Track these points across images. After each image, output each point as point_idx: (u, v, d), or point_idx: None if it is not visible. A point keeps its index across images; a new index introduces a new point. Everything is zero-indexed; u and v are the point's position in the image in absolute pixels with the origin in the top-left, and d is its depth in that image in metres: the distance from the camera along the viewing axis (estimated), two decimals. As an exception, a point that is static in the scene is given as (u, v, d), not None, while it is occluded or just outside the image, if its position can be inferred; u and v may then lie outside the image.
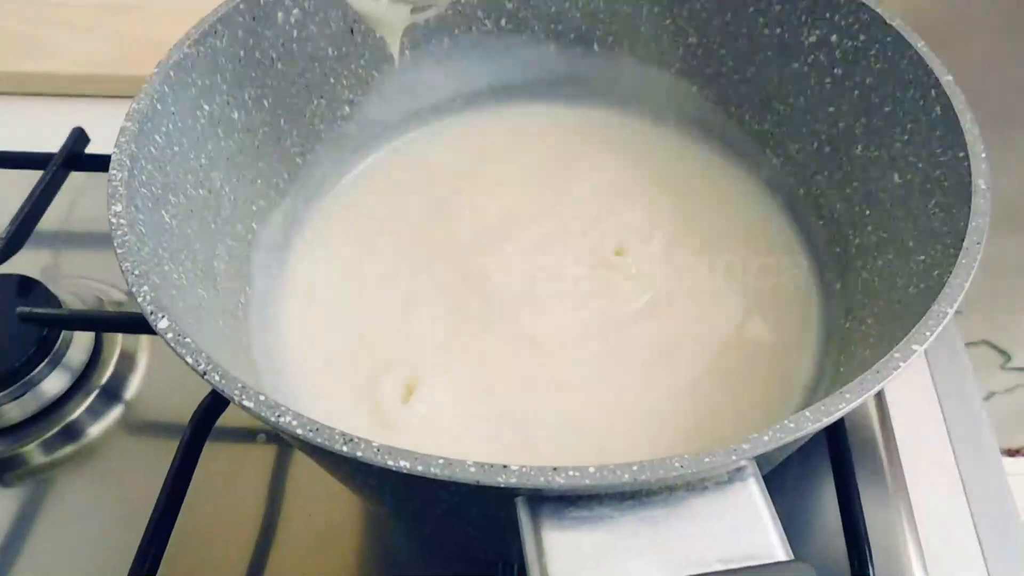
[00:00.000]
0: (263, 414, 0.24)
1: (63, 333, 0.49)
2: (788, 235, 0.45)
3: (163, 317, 0.27)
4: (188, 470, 0.41)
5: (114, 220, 0.31)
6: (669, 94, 0.48)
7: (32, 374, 0.47)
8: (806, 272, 0.43)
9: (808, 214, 0.44)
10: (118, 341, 0.51)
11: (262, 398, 0.24)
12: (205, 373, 0.25)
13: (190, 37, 0.37)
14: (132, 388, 0.50)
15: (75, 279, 0.54)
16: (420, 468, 0.22)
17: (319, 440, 0.23)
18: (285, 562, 0.42)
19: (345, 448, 0.23)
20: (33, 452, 0.47)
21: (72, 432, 0.48)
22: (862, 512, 0.40)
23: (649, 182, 0.47)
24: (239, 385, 0.25)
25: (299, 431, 0.23)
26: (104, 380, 0.50)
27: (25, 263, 0.51)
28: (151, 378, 0.50)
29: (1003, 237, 0.65)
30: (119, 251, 0.30)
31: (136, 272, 0.29)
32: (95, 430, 0.48)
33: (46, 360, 0.48)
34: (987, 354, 0.80)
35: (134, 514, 0.41)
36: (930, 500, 0.44)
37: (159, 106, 0.35)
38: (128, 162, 0.33)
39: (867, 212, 0.39)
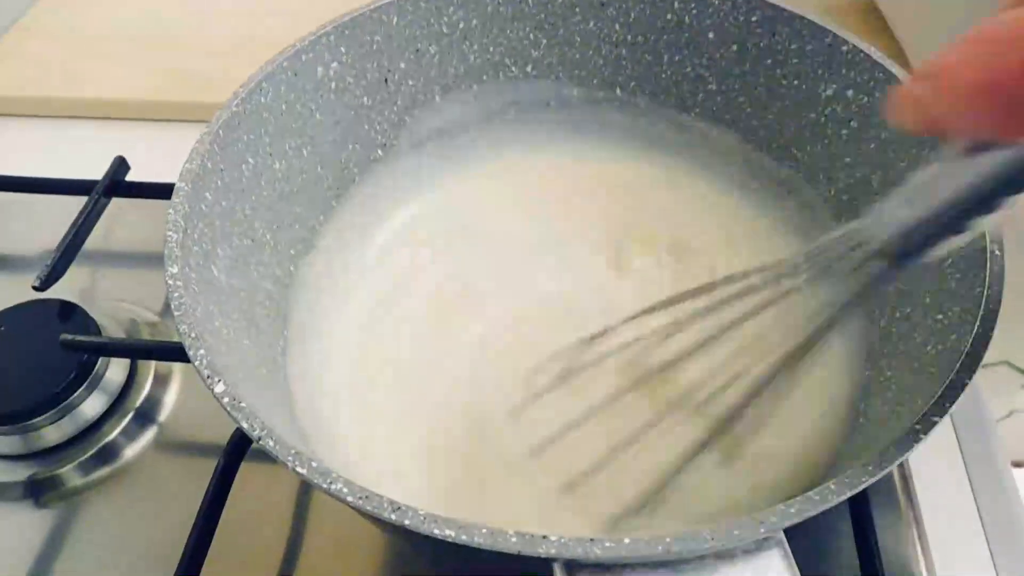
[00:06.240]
0: (315, 481, 0.26)
1: (101, 358, 0.50)
2: None
3: (219, 381, 0.29)
4: (222, 496, 0.42)
5: (171, 282, 0.32)
6: (689, 137, 0.50)
7: (71, 398, 0.48)
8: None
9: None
10: (152, 364, 0.52)
11: (314, 464, 0.26)
12: (260, 439, 0.27)
13: (238, 96, 0.39)
14: (166, 410, 0.51)
15: (111, 301, 0.56)
16: (464, 538, 0.24)
17: (368, 508, 0.25)
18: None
19: (394, 516, 0.24)
20: (70, 474, 0.48)
21: (107, 454, 0.49)
22: (878, 544, 0.40)
23: (670, 223, 0.49)
24: (292, 451, 0.26)
25: (349, 498, 0.25)
26: (139, 403, 0.50)
27: (64, 285, 0.52)
28: (184, 400, 0.51)
29: (1018, 256, 0.65)
30: (176, 313, 0.31)
31: (192, 335, 0.30)
32: (130, 452, 0.49)
33: (85, 384, 0.49)
34: (1008, 374, 0.80)
35: (168, 534, 0.42)
36: (944, 525, 0.44)
37: (209, 164, 0.37)
38: (183, 222, 0.34)
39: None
